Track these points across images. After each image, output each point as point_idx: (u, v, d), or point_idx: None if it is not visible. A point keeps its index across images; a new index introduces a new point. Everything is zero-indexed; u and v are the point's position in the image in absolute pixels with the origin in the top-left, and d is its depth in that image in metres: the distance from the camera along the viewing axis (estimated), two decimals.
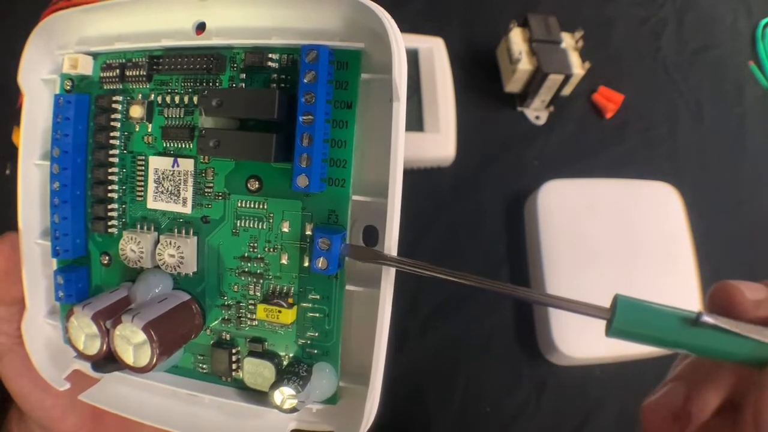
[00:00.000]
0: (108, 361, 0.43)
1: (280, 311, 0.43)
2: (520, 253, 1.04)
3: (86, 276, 0.50)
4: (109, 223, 0.48)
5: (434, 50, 1.08)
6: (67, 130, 0.47)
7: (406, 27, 0.39)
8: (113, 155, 0.47)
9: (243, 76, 0.43)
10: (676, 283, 0.97)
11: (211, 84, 0.44)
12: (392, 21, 0.39)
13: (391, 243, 0.40)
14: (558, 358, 0.95)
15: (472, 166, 1.08)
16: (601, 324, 0.38)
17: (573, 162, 1.12)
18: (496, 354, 0.99)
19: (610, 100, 1.15)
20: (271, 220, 0.44)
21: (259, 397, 0.46)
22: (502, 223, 1.08)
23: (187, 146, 0.45)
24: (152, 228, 0.47)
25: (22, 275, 0.50)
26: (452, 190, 1.06)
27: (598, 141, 1.14)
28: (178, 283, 0.47)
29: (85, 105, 0.48)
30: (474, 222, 1.07)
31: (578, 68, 1.08)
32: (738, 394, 0.41)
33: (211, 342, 0.48)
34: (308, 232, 0.43)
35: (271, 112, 0.40)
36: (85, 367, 0.50)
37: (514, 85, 1.12)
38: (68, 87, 0.49)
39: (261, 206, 0.44)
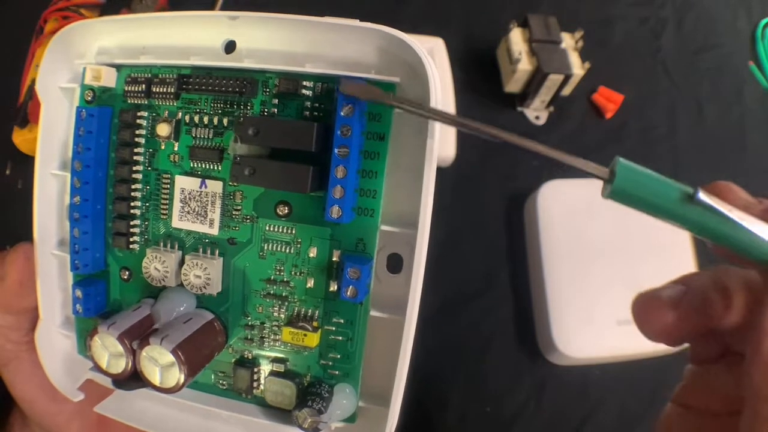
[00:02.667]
0: (132, 379, 0.44)
1: (305, 335, 0.44)
2: (520, 253, 1.05)
3: (104, 290, 0.50)
4: (131, 239, 0.48)
5: (434, 50, 1.08)
6: (89, 144, 0.47)
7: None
8: (137, 171, 0.48)
9: (275, 101, 0.44)
10: None
11: (242, 107, 0.44)
12: (429, 57, 0.39)
13: (419, 270, 0.41)
14: (558, 358, 0.96)
15: (472, 166, 1.08)
16: (601, 324, 0.38)
17: None
18: (496, 354, 1.00)
19: (610, 100, 1.15)
20: (298, 245, 0.44)
21: (279, 414, 0.47)
22: (502, 223, 1.08)
23: (216, 168, 0.45)
24: (176, 246, 0.47)
25: (36, 285, 0.50)
26: (452, 190, 1.06)
27: (598, 141, 1.15)
28: (201, 302, 0.48)
29: (107, 118, 0.48)
30: (474, 222, 1.07)
31: (578, 68, 1.08)
32: (741, 334, 0.39)
33: (233, 360, 0.48)
34: (335, 259, 0.44)
35: (309, 145, 0.40)
36: (98, 377, 0.50)
37: (514, 85, 1.12)
38: (89, 98, 0.48)
39: (289, 231, 0.44)
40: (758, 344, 0.35)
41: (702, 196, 0.36)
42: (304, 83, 0.43)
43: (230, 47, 0.45)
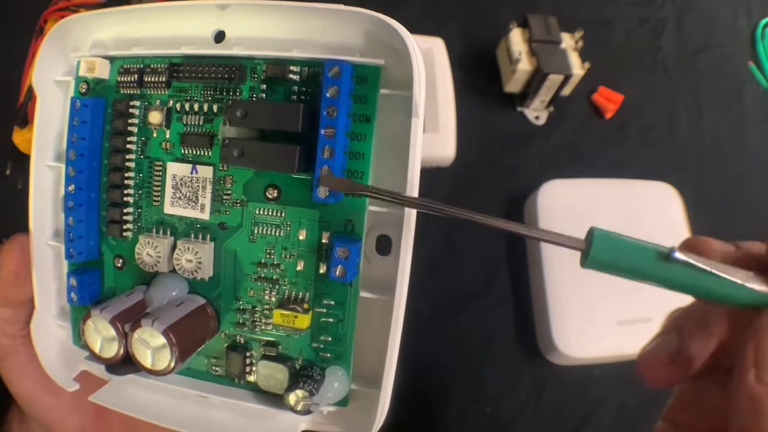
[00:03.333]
0: (124, 364, 0.44)
1: (296, 316, 0.45)
2: (520, 254, 1.05)
3: (98, 278, 0.51)
4: (125, 227, 0.49)
5: (434, 50, 1.08)
6: (83, 134, 0.47)
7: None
8: (130, 160, 0.48)
9: (264, 86, 0.45)
10: None
11: (231, 93, 0.45)
12: (412, 39, 0.40)
13: (407, 251, 0.42)
14: (558, 358, 0.96)
15: (472, 166, 1.09)
16: (601, 324, 0.38)
17: (573, 162, 1.12)
18: (496, 354, 1.00)
19: (609, 100, 1.16)
20: (288, 228, 0.45)
21: (272, 399, 0.47)
22: None
23: (206, 153, 0.46)
24: (168, 233, 0.48)
25: (32, 276, 0.50)
26: (452, 190, 1.06)
27: (598, 141, 1.15)
28: (193, 287, 0.48)
29: (101, 109, 0.48)
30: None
31: (578, 68, 1.08)
32: (729, 351, 0.42)
33: (225, 345, 0.49)
34: (324, 240, 0.45)
35: (296, 126, 0.41)
36: (94, 368, 0.51)
37: (514, 85, 1.12)
38: (83, 90, 0.49)
39: (279, 214, 0.45)
40: (741, 378, 0.37)
41: (678, 255, 0.37)
42: (291, 68, 0.44)
43: (219, 37, 0.46)
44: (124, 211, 0.49)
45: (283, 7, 0.43)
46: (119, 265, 0.50)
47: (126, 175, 0.49)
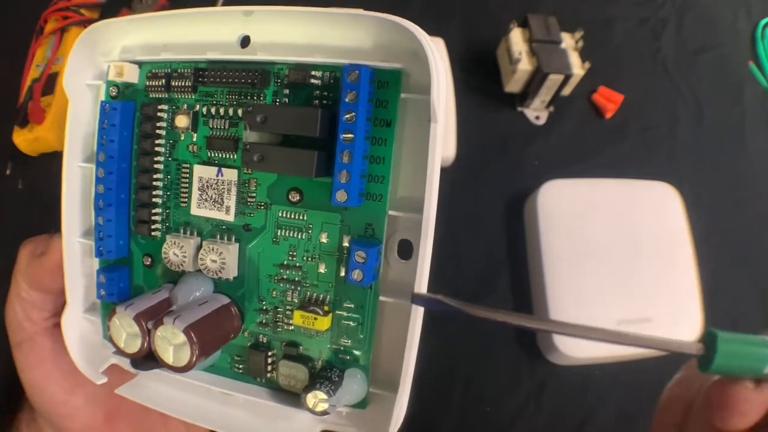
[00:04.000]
0: (147, 359, 0.47)
1: (316, 318, 0.47)
2: (520, 253, 1.07)
3: (128, 276, 0.53)
4: (153, 227, 0.52)
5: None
6: (112, 136, 0.50)
7: None
8: (158, 162, 0.51)
9: (287, 91, 0.47)
10: (676, 283, 0.99)
11: (255, 98, 0.47)
12: (431, 43, 0.42)
13: (425, 256, 0.43)
14: (558, 358, 0.98)
15: (472, 166, 1.10)
16: (601, 324, 0.37)
17: (573, 162, 1.14)
18: (496, 354, 1.02)
19: (610, 100, 1.17)
20: (310, 231, 0.47)
21: (292, 398, 0.49)
22: (502, 223, 1.10)
23: (231, 157, 0.48)
24: (195, 233, 0.50)
25: (64, 272, 0.52)
26: (452, 190, 1.05)
27: (598, 141, 1.17)
28: (218, 287, 0.51)
29: (130, 112, 0.51)
30: (474, 222, 1.09)
31: (578, 68, 1.10)
32: None
33: (249, 344, 0.51)
34: (345, 244, 0.46)
35: (314, 131, 0.43)
36: (123, 362, 0.54)
37: (514, 85, 1.14)
38: (114, 93, 0.52)
39: (301, 217, 0.47)
40: None
41: None
42: (313, 73, 0.46)
43: (245, 42, 0.48)
44: (153, 211, 0.51)
45: (304, 13, 0.45)
46: (148, 263, 0.53)
47: (154, 176, 0.51)
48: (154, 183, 0.51)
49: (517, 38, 1.12)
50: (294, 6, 0.45)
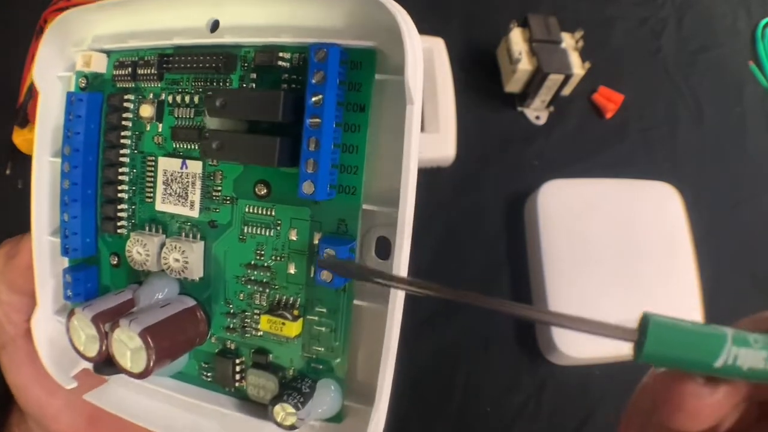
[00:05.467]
0: (107, 364, 0.43)
1: (284, 323, 0.42)
2: (520, 254, 1.04)
3: (95, 275, 0.50)
4: (119, 224, 0.48)
5: (434, 50, 1.08)
6: (78, 128, 0.46)
7: None
8: (124, 155, 0.47)
9: (253, 75, 0.42)
10: (676, 283, 0.97)
11: (221, 84, 0.43)
12: (407, 17, 0.37)
13: (401, 256, 0.38)
14: (558, 358, 0.95)
15: (472, 166, 1.08)
16: None
17: (573, 162, 1.12)
18: (496, 354, 0.99)
19: (610, 100, 1.15)
20: (278, 228, 0.43)
21: (261, 410, 0.45)
22: (502, 223, 1.08)
23: (196, 148, 0.44)
24: (160, 230, 0.47)
25: (33, 271, 0.50)
26: (452, 190, 1.06)
27: (598, 141, 1.15)
28: (184, 288, 0.47)
29: (97, 103, 0.47)
30: (474, 222, 1.07)
31: (578, 68, 1.08)
32: None
33: (216, 350, 0.47)
34: (316, 242, 0.42)
35: (276, 114, 0.39)
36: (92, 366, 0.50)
37: (514, 85, 1.12)
38: (83, 84, 0.48)
39: (269, 212, 0.43)
40: None
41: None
42: (281, 55, 0.41)
43: (215, 26, 0.44)
44: (119, 207, 0.48)
45: None
46: (114, 262, 0.49)
47: (120, 170, 0.48)
48: (120, 177, 0.48)
49: (517, 38, 1.10)
50: None
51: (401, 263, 0.38)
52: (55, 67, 0.50)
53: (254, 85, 0.42)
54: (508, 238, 1.07)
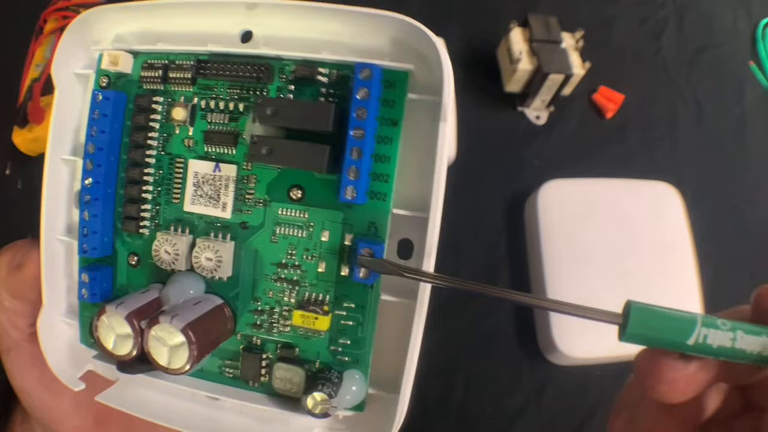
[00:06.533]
0: (137, 362, 0.44)
1: (316, 318, 0.44)
2: (520, 253, 1.06)
3: (111, 275, 0.50)
4: (141, 224, 0.48)
5: None
6: (103, 127, 0.47)
7: None
8: (150, 155, 0.48)
9: (291, 87, 0.44)
10: (676, 283, 0.98)
11: (258, 93, 0.45)
12: (443, 46, 0.40)
13: (430, 256, 0.42)
14: (558, 358, 0.97)
15: (472, 166, 1.09)
16: (601, 323, 0.37)
17: (573, 162, 1.13)
18: (497, 354, 1.01)
19: (610, 100, 1.16)
20: (311, 229, 0.45)
21: (285, 402, 0.47)
22: (502, 223, 1.09)
23: (230, 152, 0.46)
24: (187, 231, 0.47)
25: (41, 271, 0.49)
26: (452, 190, 1.05)
27: (598, 141, 1.16)
28: (210, 287, 0.48)
29: (122, 103, 0.48)
30: (474, 222, 1.08)
31: (578, 68, 1.09)
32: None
33: (241, 347, 0.48)
34: (347, 243, 0.44)
35: (327, 125, 0.41)
36: (100, 368, 0.50)
37: (514, 85, 1.13)
38: (104, 84, 0.49)
39: (302, 215, 0.45)
40: None
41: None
42: (320, 70, 0.44)
43: (247, 36, 0.46)
44: (142, 207, 0.48)
45: (312, 9, 0.43)
46: (133, 262, 0.49)
47: (145, 171, 0.48)
48: (145, 178, 0.48)
49: (517, 38, 1.11)
50: (301, 0, 0.43)
51: (431, 262, 0.42)
52: (74, 64, 0.50)
53: (291, 96, 0.45)
54: (508, 237, 1.08)
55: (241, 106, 0.45)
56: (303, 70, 0.44)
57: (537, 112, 1.16)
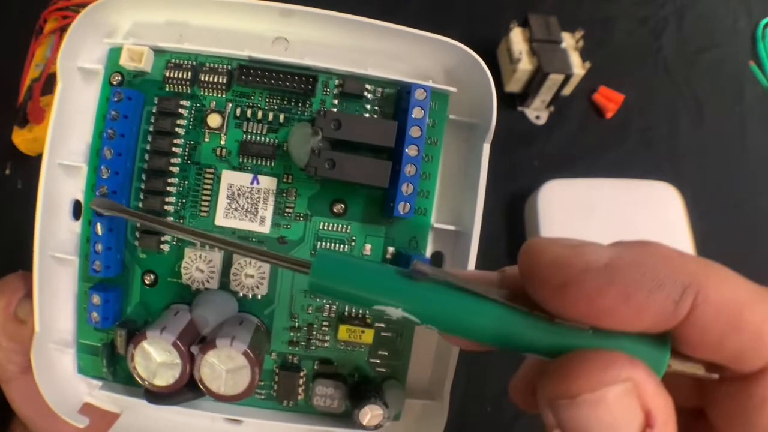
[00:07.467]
0: (182, 391, 0.42)
1: (363, 331, 0.45)
2: None
3: (120, 296, 0.47)
4: (162, 239, 0.46)
5: None
6: (123, 130, 0.44)
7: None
8: (174, 164, 0.46)
9: (335, 101, 0.44)
10: None
11: (300, 104, 0.45)
12: (488, 71, 0.43)
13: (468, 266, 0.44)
14: None
15: None
16: None
17: (573, 162, 1.13)
18: (496, 354, 0.98)
19: (610, 100, 1.16)
20: (353, 243, 0.45)
21: (323, 419, 0.47)
22: (502, 223, 1.09)
23: (269, 164, 0.45)
24: (215, 247, 0.45)
25: (33, 294, 0.45)
26: None
27: (598, 141, 1.16)
28: (242, 306, 0.46)
29: (141, 104, 0.45)
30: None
31: (578, 68, 1.09)
32: None
33: (275, 366, 0.47)
34: (388, 256, 0.45)
35: (391, 141, 0.42)
36: (96, 401, 0.48)
37: (514, 85, 1.13)
38: (115, 81, 0.46)
39: (344, 229, 0.45)
40: None
41: (419, 266, 0.33)
42: (367, 86, 0.44)
43: (279, 42, 0.46)
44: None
45: (353, 22, 0.43)
46: (149, 282, 0.47)
47: (168, 180, 0.46)
48: (168, 188, 0.46)
49: (517, 38, 1.11)
50: (337, 12, 0.44)
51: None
52: (82, 58, 0.46)
53: (336, 110, 0.44)
54: (508, 237, 1.08)
55: (281, 117, 0.44)
56: (352, 86, 0.44)
57: (537, 112, 1.16)
